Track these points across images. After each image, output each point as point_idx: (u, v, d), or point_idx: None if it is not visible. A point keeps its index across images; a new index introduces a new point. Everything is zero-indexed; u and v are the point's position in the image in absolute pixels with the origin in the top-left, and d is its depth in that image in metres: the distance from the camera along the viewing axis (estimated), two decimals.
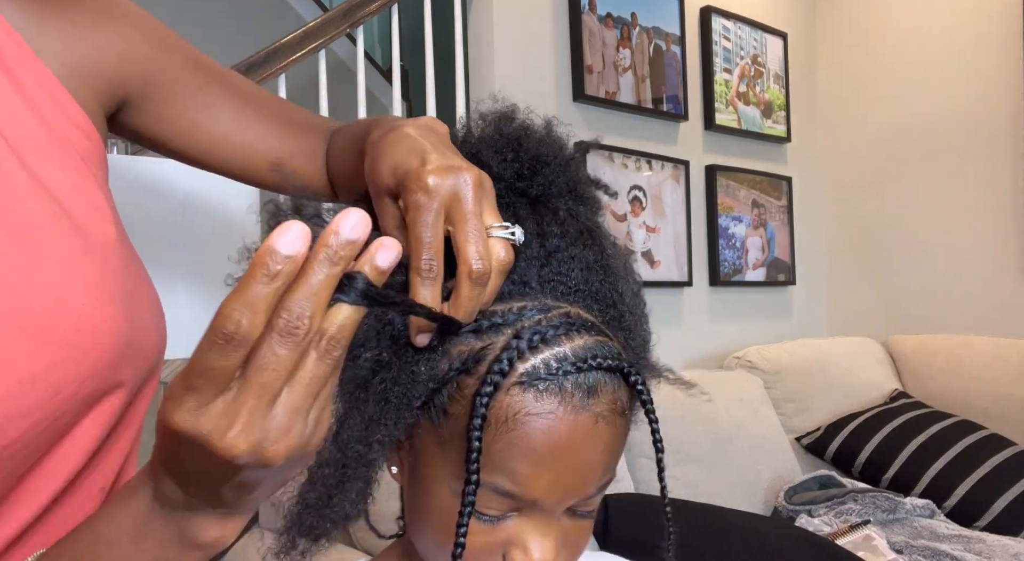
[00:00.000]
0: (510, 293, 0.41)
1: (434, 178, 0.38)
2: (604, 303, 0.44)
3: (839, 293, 2.89)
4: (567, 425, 0.39)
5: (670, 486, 1.78)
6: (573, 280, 0.42)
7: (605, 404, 0.40)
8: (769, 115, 2.70)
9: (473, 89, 2.02)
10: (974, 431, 1.96)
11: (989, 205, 2.48)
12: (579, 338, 0.40)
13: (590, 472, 0.41)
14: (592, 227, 0.45)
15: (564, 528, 0.43)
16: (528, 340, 0.38)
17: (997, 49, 2.46)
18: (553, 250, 0.42)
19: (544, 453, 0.39)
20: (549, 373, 0.38)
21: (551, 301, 0.41)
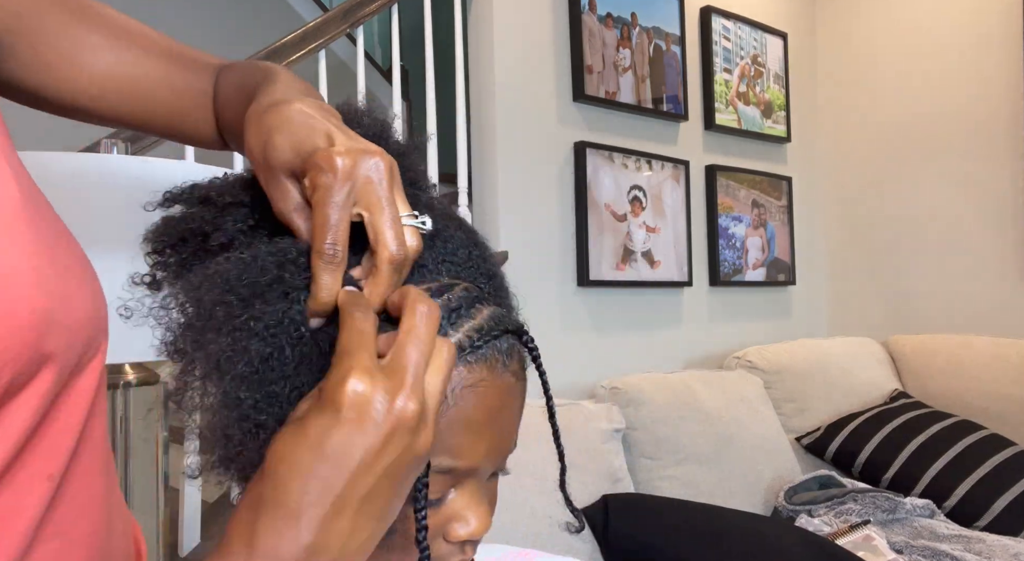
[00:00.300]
0: (411, 276, 0.41)
1: (345, 160, 0.37)
2: (486, 276, 0.45)
3: (839, 293, 2.89)
4: (497, 389, 0.41)
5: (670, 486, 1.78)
6: (459, 258, 0.43)
7: (517, 363, 0.43)
8: (769, 115, 2.70)
9: (473, 89, 2.02)
10: (974, 431, 1.96)
11: (989, 205, 2.48)
12: (484, 308, 0.42)
13: (514, 429, 0.44)
14: (451, 211, 0.47)
15: (487, 491, 0.44)
16: (447, 318, 0.40)
17: (997, 49, 2.46)
18: (435, 232, 0.43)
19: (482, 421, 0.40)
20: (473, 345, 0.40)
21: (447, 280, 0.42)
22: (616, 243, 2.15)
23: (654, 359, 2.28)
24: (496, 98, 1.97)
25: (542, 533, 1.35)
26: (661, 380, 1.84)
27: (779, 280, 2.68)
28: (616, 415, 1.69)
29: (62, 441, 0.41)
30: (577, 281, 2.10)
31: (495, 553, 0.62)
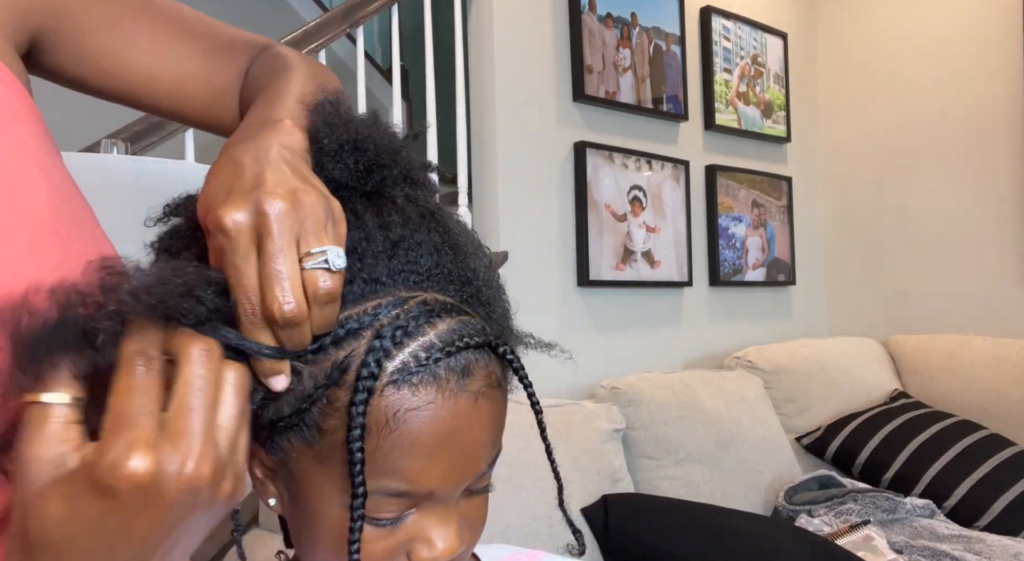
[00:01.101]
0: (363, 293, 0.39)
1: (230, 215, 0.34)
2: (459, 282, 0.43)
3: (839, 293, 2.89)
4: (448, 411, 0.38)
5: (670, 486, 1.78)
6: (424, 265, 0.41)
7: (481, 381, 0.40)
8: (769, 115, 2.70)
9: (473, 89, 2.02)
10: (974, 431, 1.96)
11: (989, 205, 2.48)
12: (441, 322, 0.39)
13: (479, 450, 0.41)
14: (433, 209, 0.44)
15: (462, 510, 0.43)
16: (391, 337, 0.37)
17: (997, 49, 2.46)
18: (398, 240, 0.41)
19: (432, 444, 0.38)
20: (419, 364, 0.38)
21: (405, 292, 0.40)
22: (616, 243, 2.15)
23: (654, 359, 2.28)
24: (496, 98, 1.97)
25: (542, 533, 1.35)
26: (661, 380, 1.84)
27: (779, 280, 2.68)
28: (616, 415, 1.69)
29: None
30: (577, 281, 2.10)
31: (502, 554, 0.62)
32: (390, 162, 0.44)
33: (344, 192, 0.42)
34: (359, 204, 0.42)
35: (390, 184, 0.44)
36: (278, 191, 0.35)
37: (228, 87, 0.56)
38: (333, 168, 0.42)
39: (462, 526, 0.42)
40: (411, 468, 0.38)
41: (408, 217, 0.42)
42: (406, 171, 0.45)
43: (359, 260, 0.39)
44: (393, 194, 0.44)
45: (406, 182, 0.45)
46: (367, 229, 0.41)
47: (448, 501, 0.41)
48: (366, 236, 0.40)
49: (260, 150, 0.38)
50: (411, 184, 0.45)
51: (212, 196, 0.36)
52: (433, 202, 0.46)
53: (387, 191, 0.44)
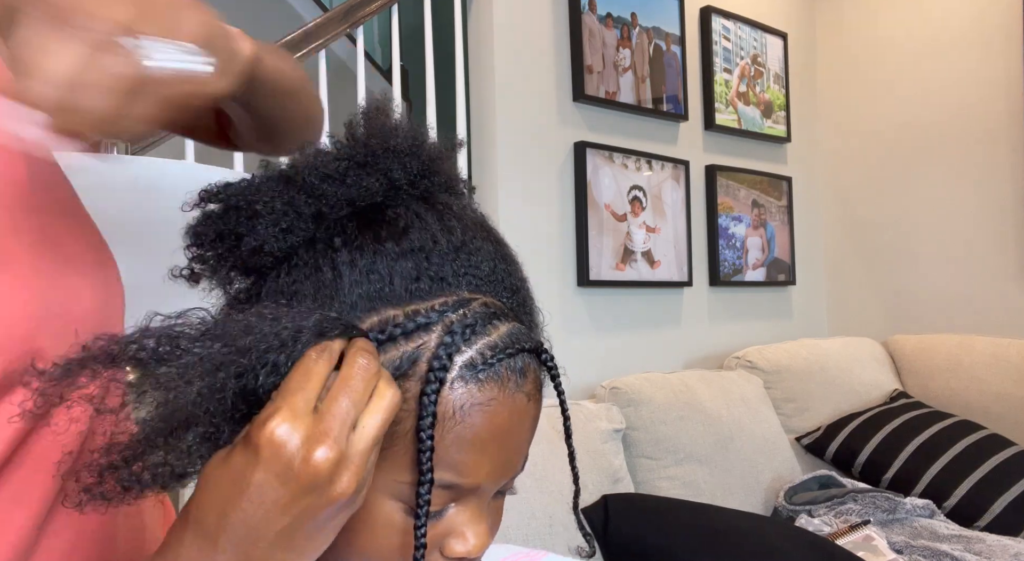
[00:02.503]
0: (430, 290, 0.41)
1: None
2: (510, 290, 0.45)
3: (839, 293, 2.89)
4: (507, 409, 0.40)
5: (670, 486, 1.78)
6: (483, 271, 0.43)
7: (531, 383, 0.42)
8: (769, 115, 2.70)
9: (473, 89, 2.02)
10: (974, 431, 1.96)
11: (989, 205, 2.48)
12: (502, 325, 0.41)
13: (522, 450, 0.43)
14: (482, 219, 0.47)
15: (491, 509, 0.44)
16: (461, 334, 0.39)
17: (997, 49, 2.46)
18: (460, 244, 0.43)
19: (488, 440, 0.40)
20: (486, 362, 0.40)
21: (467, 294, 0.42)
22: (616, 243, 2.15)
23: (654, 359, 2.28)
24: (496, 98, 1.97)
25: (542, 533, 1.35)
26: (661, 380, 1.84)
27: (779, 280, 2.68)
28: (616, 415, 1.69)
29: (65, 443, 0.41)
30: (577, 281, 2.10)
31: (504, 553, 0.62)
32: (437, 170, 0.46)
33: (400, 193, 0.44)
34: (419, 206, 0.44)
35: (438, 191, 0.46)
36: None
37: None
38: (393, 169, 0.43)
39: (490, 524, 0.44)
40: (466, 462, 0.40)
41: (466, 224, 0.44)
42: (449, 181, 0.47)
43: (426, 258, 0.41)
44: (446, 200, 0.45)
45: (448, 192, 0.47)
46: (431, 230, 0.42)
47: (484, 498, 0.43)
48: (432, 237, 0.42)
49: None
50: (454, 194, 0.47)
51: None
52: (481, 212, 0.48)
53: (438, 197, 0.45)
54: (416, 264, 0.41)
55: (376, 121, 0.45)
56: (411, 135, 0.45)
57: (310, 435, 0.34)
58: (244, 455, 0.34)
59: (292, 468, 0.33)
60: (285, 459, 0.33)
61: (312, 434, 0.34)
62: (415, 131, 0.46)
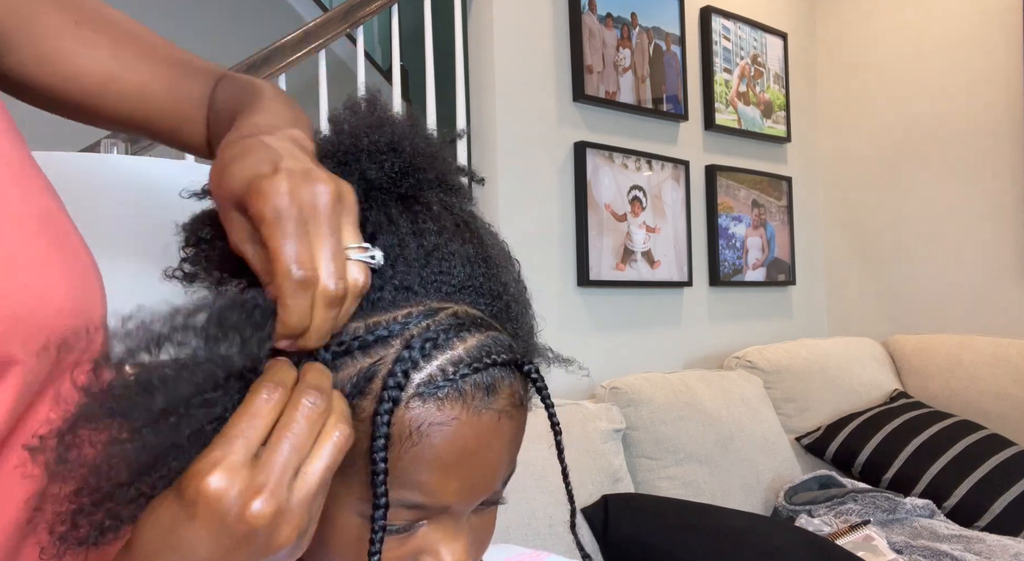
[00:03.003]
0: (393, 300, 0.38)
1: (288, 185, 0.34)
2: (489, 296, 0.42)
3: (839, 293, 2.89)
4: (472, 428, 0.38)
5: (670, 486, 1.78)
6: (456, 277, 0.40)
7: (505, 399, 0.39)
8: (769, 115, 2.70)
9: (473, 89, 2.02)
10: (974, 431, 1.96)
11: (989, 205, 2.48)
12: (471, 337, 0.39)
13: (497, 469, 0.41)
14: (467, 218, 0.44)
15: (472, 525, 0.42)
16: (420, 348, 0.37)
17: (997, 49, 2.46)
18: (432, 249, 0.40)
19: (452, 460, 0.38)
20: (447, 379, 0.37)
21: (436, 303, 0.39)
22: (616, 243, 2.15)
23: (654, 359, 2.28)
24: (496, 98, 1.97)
25: (542, 532, 1.35)
26: (661, 380, 1.84)
27: (779, 280, 2.68)
28: (616, 415, 1.69)
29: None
30: (577, 281, 2.10)
31: (506, 554, 0.62)
32: (426, 166, 0.43)
33: (379, 194, 0.41)
34: (394, 208, 0.41)
35: (425, 188, 0.43)
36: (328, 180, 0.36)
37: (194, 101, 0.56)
38: (369, 169, 0.41)
39: (471, 540, 0.42)
40: (429, 482, 0.38)
41: (443, 225, 0.42)
42: (441, 176, 0.44)
43: (391, 266, 0.39)
44: (428, 199, 0.43)
45: (441, 187, 0.44)
46: (401, 235, 0.40)
47: (461, 515, 0.41)
48: (400, 242, 0.40)
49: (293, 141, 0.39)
50: (446, 189, 0.45)
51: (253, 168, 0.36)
52: (468, 210, 0.45)
53: (422, 196, 0.43)
54: (380, 273, 0.38)
55: (359, 117, 0.43)
56: (392, 131, 0.42)
57: (245, 488, 0.32)
58: (177, 507, 0.32)
59: (226, 523, 0.31)
60: (219, 514, 0.31)
61: (248, 487, 0.32)
62: (399, 125, 0.43)
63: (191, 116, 0.56)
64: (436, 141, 0.45)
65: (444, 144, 0.46)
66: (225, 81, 0.57)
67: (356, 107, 0.45)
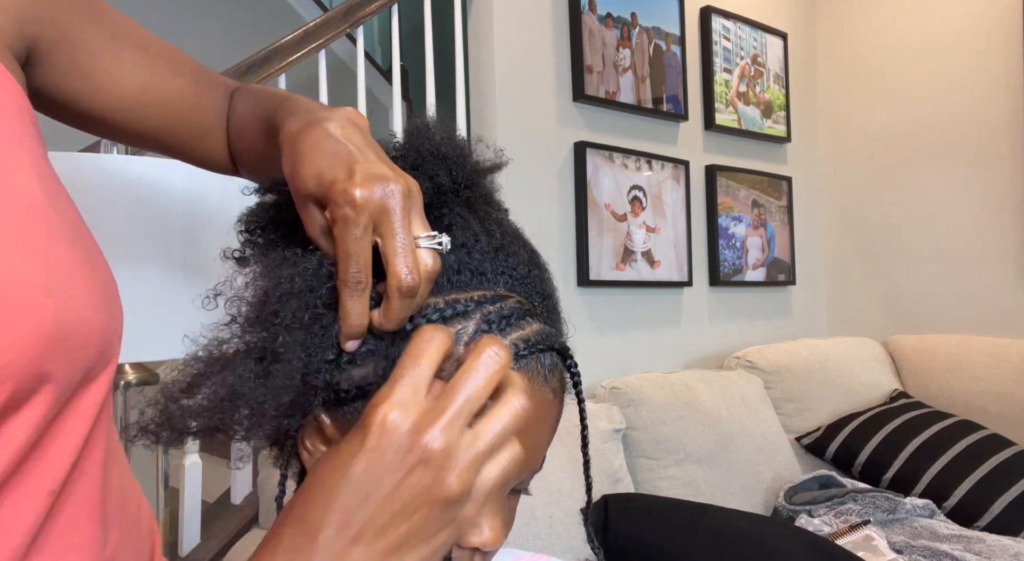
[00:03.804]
0: (469, 282, 0.42)
1: (361, 191, 0.38)
2: (541, 295, 0.47)
3: (839, 293, 2.89)
4: (535, 401, 0.41)
5: (670, 486, 1.78)
6: (518, 273, 0.45)
7: (558, 381, 0.44)
8: (769, 115, 2.70)
9: (473, 89, 2.02)
10: (974, 431, 1.96)
11: (989, 205, 2.48)
12: (535, 322, 0.43)
13: (543, 447, 0.44)
14: (518, 230, 0.49)
15: (506, 506, 0.44)
16: (497, 323, 0.41)
17: (997, 49, 2.46)
18: (499, 245, 0.45)
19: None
20: (518, 354, 0.41)
21: (503, 291, 0.43)
22: (616, 243, 2.15)
23: (654, 359, 2.28)
24: (496, 98, 1.97)
25: (542, 533, 1.35)
26: (661, 380, 1.84)
27: (779, 280, 2.68)
28: (616, 415, 1.69)
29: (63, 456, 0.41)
30: (577, 281, 2.10)
31: (508, 557, 0.62)
32: (480, 182, 0.49)
33: (445, 198, 0.46)
34: (462, 209, 0.46)
35: (476, 201, 0.48)
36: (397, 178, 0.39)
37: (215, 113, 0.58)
38: (439, 174, 0.45)
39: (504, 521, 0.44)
40: None
41: (504, 230, 0.47)
42: (488, 195, 0.50)
43: (468, 254, 0.43)
44: (487, 210, 0.48)
45: (487, 203, 0.49)
46: (474, 230, 0.44)
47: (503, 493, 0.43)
48: (473, 235, 0.44)
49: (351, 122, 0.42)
50: (491, 206, 0.50)
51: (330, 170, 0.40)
52: (516, 225, 0.51)
53: (477, 206, 0.48)
54: (458, 258, 0.43)
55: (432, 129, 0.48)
56: (459, 147, 0.48)
57: (419, 420, 0.33)
58: (351, 443, 0.34)
59: (399, 452, 0.33)
60: (393, 445, 0.33)
61: (421, 420, 0.33)
62: (462, 145, 0.49)
63: (212, 127, 0.58)
64: (484, 164, 0.51)
65: (492, 169, 0.52)
66: (240, 93, 0.59)
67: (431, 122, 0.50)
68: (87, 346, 0.39)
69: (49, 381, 0.37)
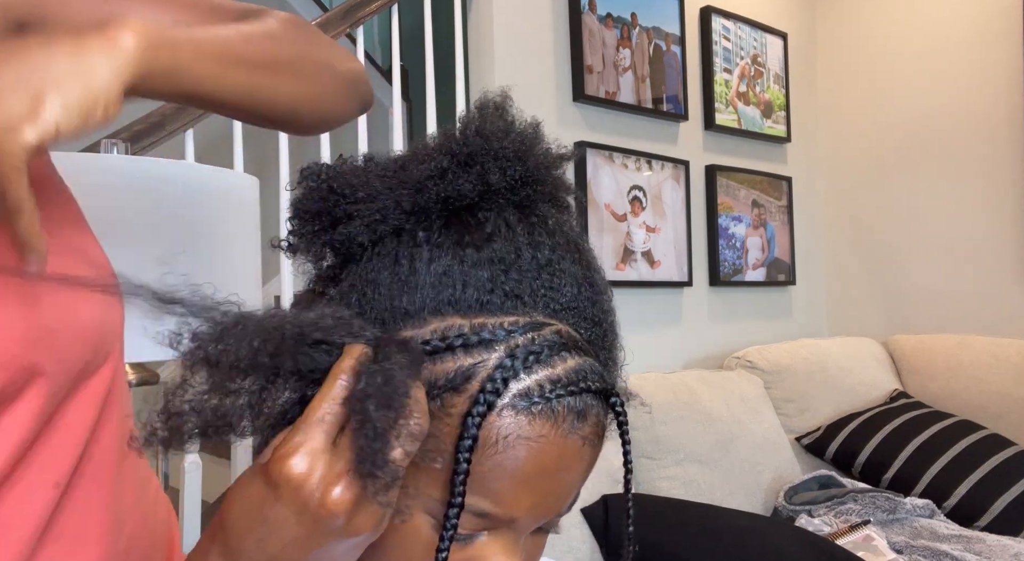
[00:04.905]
0: (501, 305, 0.38)
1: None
2: (590, 321, 0.42)
3: (839, 293, 2.89)
4: (557, 448, 0.38)
5: (670, 486, 1.78)
6: (564, 296, 0.40)
7: (591, 427, 0.40)
8: (769, 115, 2.70)
9: (473, 89, 2.02)
10: (974, 431, 1.96)
11: (989, 205, 2.48)
12: (571, 358, 0.39)
13: (569, 493, 0.41)
14: (577, 238, 0.44)
15: (527, 545, 0.42)
16: (524, 359, 0.37)
17: (997, 49, 2.46)
18: (545, 263, 0.40)
19: (531, 476, 0.38)
20: (542, 396, 0.37)
21: (541, 317, 0.39)
22: (616, 243, 2.15)
23: (654, 359, 2.28)
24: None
25: None
26: (661, 380, 1.84)
27: (779, 280, 2.68)
28: None
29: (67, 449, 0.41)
30: None
31: None
32: (544, 179, 0.43)
33: (497, 199, 0.42)
34: (511, 215, 0.41)
35: (539, 201, 0.43)
36: None
37: None
38: (492, 172, 0.41)
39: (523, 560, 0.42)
40: (504, 493, 0.38)
41: (557, 241, 0.41)
42: (554, 191, 0.44)
43: (504, 272, 0.39)
44: (544, 212, 0.43)
45: (552, 203, 0.44)
46: (517, 243, 0.40)
47: (522, 533, 0.41)
48: (515, 250, 0.40)
49: None
50: (557, 206, 0.45)
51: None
52: (577, 231, 0.45)
53: (538, 208, 0.43)
54: (493, 275, 0.39)
55: (488, 120, 0.43)
56: (520, 139, 0.42)
57: (326, 474, 0.33)
58: (264, 487, 0.34)
59: (309, 508, 0.33)
60: (302, 499, 0.33)
61: (328, 473, 0.33)
62: (527, 135, 0.43)
63: None
64: (552, 155, 0.45)
65: (561, 159, 0.46)
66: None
67: (485, 108, 0.44)
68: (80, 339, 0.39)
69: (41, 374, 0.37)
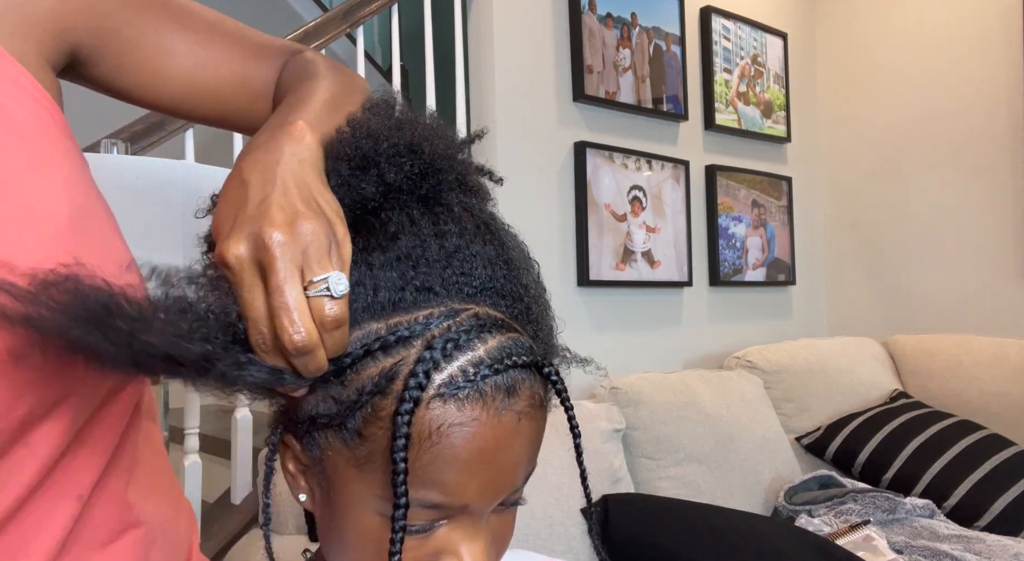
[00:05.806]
0: (415, 301, 0.39)
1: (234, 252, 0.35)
2: (510, 298, 0.42)
3: (839, 293, 2.89)
4: (491, 429, 0.38)
5: (670, 486, 1.78)
6: (477, 279, 0.41)
7: (524, 401, 0.40)
8: (769, 115, 2.70)
9: (473, 89, 2.02)
10: (974, 431, 1.96)
11: (989, 205, 2.48)
12: (491, 338, 0.39)
13: (517, 469, 0.41)
14: (487, 220, 0.44)
15: (492, 525, 0.43)
16: (441, 349, 0.37)
17: (997, 49, 2.46)
18: (453, 250, 0.41)
19: (472, 460, 0.38)
20: (467, 380, 0.37)
21: (457, 304, 0.40)
22: (616, 243, 2.15)
23: (654, 359, 2.28)
24: (496, 98, 1.97)
25: (541, 533, 1.35)
26: (661, 380, 1.84)
27: (779, 280, 2.68)
28: (616, 415, 1.69)
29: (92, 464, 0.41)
30: (577, 281, 2.10)
31: (521, 559, 0.62)
32: (446, 167, 0.43)
33: (400, 196, 0.42)
34: (415, 209, 0.42)
35: (445, 189, 0.43)
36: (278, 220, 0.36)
37: (263, 91, 0.58)
38: (388, 172, 0.41)
39: (490, 540, 0.42)
40: (449, 482, 0.38)
41: (464, 227, 0.42)
42: (461, 177, 0.45)
43: (412, 268, 0.39)
44: (449, 200, 0.43)
45: (461, 188, 0.45)
46: (422, 236, 0.40)
47: (480, 515, 0.41)
48: (421, 244, 0.40)
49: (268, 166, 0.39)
50: (466, 191, 0.45)
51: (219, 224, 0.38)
52: (488, 211, 0.45)
53: (442, 197, 0.43)
54: (401, 274, 0.39)
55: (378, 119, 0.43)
56: (411, 133, 0.43)
57: None
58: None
59: None
60: None
61: None
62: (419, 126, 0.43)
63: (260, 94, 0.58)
64: (456, 141, 0.46)
65: (464, 144, 0.47)
66: (294, 59, 0.58)
67: (376, 109, 0.45)
68: None
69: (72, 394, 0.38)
